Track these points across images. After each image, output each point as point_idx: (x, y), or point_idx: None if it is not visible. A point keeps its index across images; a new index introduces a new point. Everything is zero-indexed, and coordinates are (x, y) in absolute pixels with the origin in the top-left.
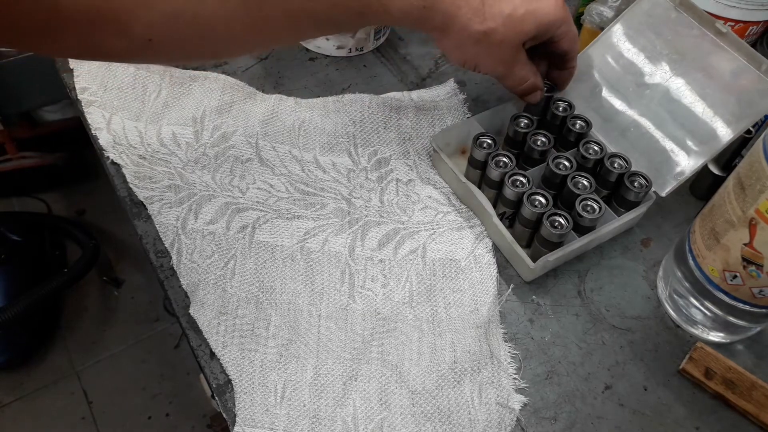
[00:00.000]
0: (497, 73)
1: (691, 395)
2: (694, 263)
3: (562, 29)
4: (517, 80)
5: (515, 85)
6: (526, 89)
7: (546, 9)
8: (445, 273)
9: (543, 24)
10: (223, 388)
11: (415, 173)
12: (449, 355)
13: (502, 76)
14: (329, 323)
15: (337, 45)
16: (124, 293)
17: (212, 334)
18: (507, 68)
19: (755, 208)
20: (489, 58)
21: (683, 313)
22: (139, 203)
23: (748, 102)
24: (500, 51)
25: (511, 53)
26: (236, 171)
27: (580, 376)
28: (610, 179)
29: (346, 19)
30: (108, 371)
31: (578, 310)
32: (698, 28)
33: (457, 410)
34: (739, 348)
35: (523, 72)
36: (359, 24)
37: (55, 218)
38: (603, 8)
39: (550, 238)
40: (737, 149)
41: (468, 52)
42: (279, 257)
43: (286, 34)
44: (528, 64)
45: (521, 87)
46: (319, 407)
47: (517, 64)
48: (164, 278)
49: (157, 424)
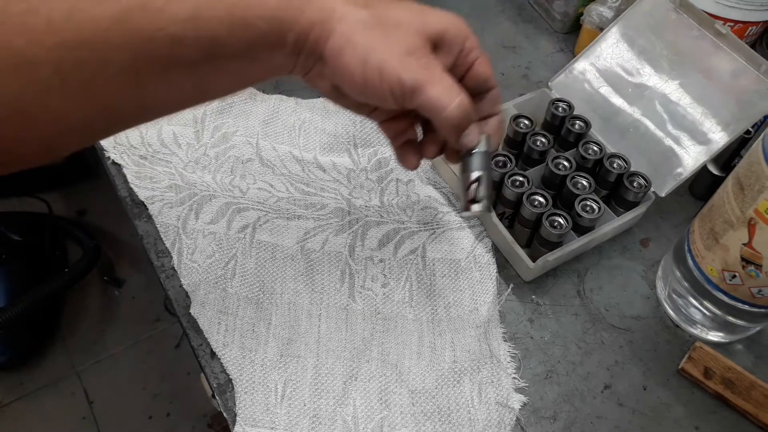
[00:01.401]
0: (412, 76)
1: (690, 395)
2: (693, 263)
3: (470, 44)
4: (444, 88)
5: (442, 94)
6: (459, 109)
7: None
8: (444, 273)
9: (450, 26)
10: (224, 387)
11: (415, 173)
12: (449, 355)
13: (421, 80)
14: (329, 323)
15: None
16: (124, 293)
17: (213, 334)
18: (422, 66)
19: (754, 209)
20: (391, 48)
21: (682, 312)
22: (139, 203)
23: (748, 103)
24: (402, 35)
25: (418, 42)
26: (237, 171)
27: (580, 375)
28: (609, 179)
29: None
30: (108, 371)
31: (577, 310)
32: (698, 29)
33: (457, 409)
34: (738, 348)
35: (447, 79)
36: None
37: (55, 218)
38: (603, 9)
39: (550, 238)
40: (736, 149)
41: (361, 43)
42: (279, 257)
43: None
44: (448, 74)
45: (452, 102)
46: (320, 406)
47: (434, 64)
48: (165, 278)
49: (157, 424)
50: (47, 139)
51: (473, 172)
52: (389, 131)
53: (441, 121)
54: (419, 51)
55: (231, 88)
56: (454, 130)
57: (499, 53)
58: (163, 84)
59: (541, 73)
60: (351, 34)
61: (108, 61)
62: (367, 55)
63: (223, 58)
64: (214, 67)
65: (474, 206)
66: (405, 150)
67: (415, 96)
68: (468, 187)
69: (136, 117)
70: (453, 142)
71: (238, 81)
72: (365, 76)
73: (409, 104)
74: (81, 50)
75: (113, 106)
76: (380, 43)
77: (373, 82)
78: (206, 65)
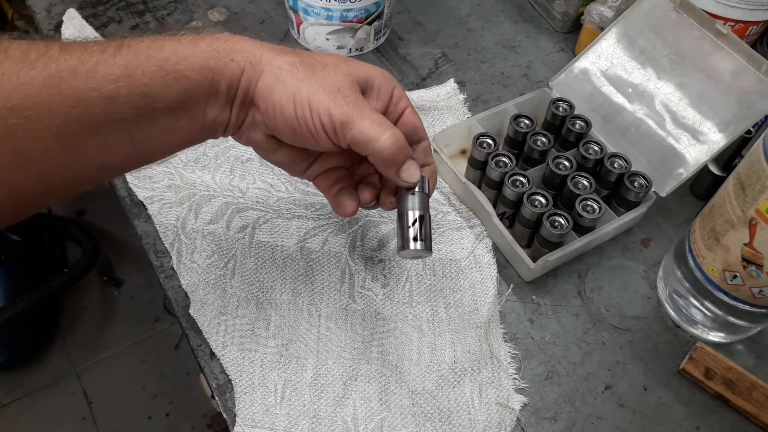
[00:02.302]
0: (342, 112)
1: (691, 395)
2: (694, 263)
3: (398, 91)
4: (376, 124)
5: (374, 132)
6: (392, 144)
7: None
8: (445, 273)
9: (363, 71)
10: (223, 388)
11: None
12: (449, 355)
13: (351, 116)
14: (329, 323)
15: (337, 45)
16: (124, 293)
17: (212, 334)
18: (350, 103)
19: (755, 208)
20: (318, 84)
21: (683, 313)
22: (139, 203)
23: (748, 102)
24: (328, 75)
25: (344, 82)
26: (236, 171)
27: (580, 376)
28: (610, 179)
29: (132, 115)
30: (108, 371)
31: (578, 310)
32: (698, 29)
33: (457, 410)
34: (739, 348)
35: (377, 116)
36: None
37: (55, 218)
38: (603, 8)
39: (550, 238)
40: (737, 149)
41: (289, 80)
42: (279, 257)
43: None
44: (377, 112)
45: (385, 137)
46: (319, 407)
47: (362, 103)
48: (164, 278)
49: (157, 424)
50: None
51: (414, 210)
52: (324, 183)
53: (375, 153)
54: (347, 89)
55: (168, 148)
56: (390, 163)
57: (500, 53)
58: (99, 146)
59: (542, 72)
60: (279, 73)
61: (40, 128)
62: (297, 90)
63: (157, 112)
64: (149, 123)
65: (416, 244)
66: (340, 196)
67: (345, 130)
68: (409, 226)
69: (72, 185)
70: (392, 177)
71: (174, 140)
72: (296, 112)
73: (342, 140)
74: (11, 118)
75: (47, 173)
76: (308, 80)
77: (305, 117)
78: (141, 122)
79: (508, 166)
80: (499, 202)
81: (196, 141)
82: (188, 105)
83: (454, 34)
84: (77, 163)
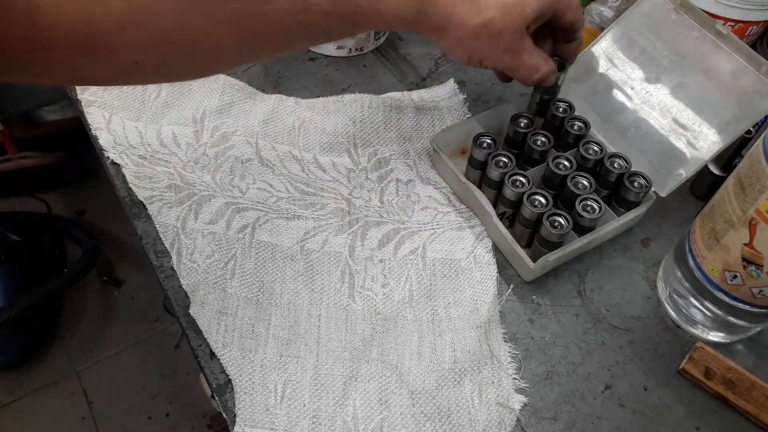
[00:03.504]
0: (505, 65)
1: (691, 395)
2: (694, 263)
3: (564, 2)
4: (528, 70)
5: (527, 75)
6: (538, 79)
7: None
8: (445, 273)
9: (544, 3)
10: (223, 388)
11: (415, 173)
12: (449, 355)
13: (511, 67)
14: (329, 323)
15: (337, 45)
16: (124, 293)
17: (212, 334)
18: (514, 58)
19: (755, 208)
20: (493, 50)
21: (683, 313)
22: (139, 203)
23: (748, 103)
24: (503, 40)
25: (515, 41)
26: (236, 171)
27: (580, 376)
28: (610, 179)
29: (339, 29)
30: (108, 371)
31: (578, 310)
32: (698, 30)
33: (457, 410)
34: (739, 348)
35: (533, 60)
36: (352, 32)
37: (55, 218)
38: (603, 8)
39: (550, 238)
40: (737, 149)
41: (470, 47)
42: (279, 257)
43: (277, 47)
44: (536, 50)
45: (533, 78)
46: (319, 407)
47: (525, 52)
48: (164, 278)
49: (157, 424)
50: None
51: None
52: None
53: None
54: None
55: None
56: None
57: None
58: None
59: None
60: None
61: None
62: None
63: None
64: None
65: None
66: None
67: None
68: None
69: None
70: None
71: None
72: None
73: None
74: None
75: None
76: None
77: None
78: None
79: (508, 166)
80: (499, 202)
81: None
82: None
83: None
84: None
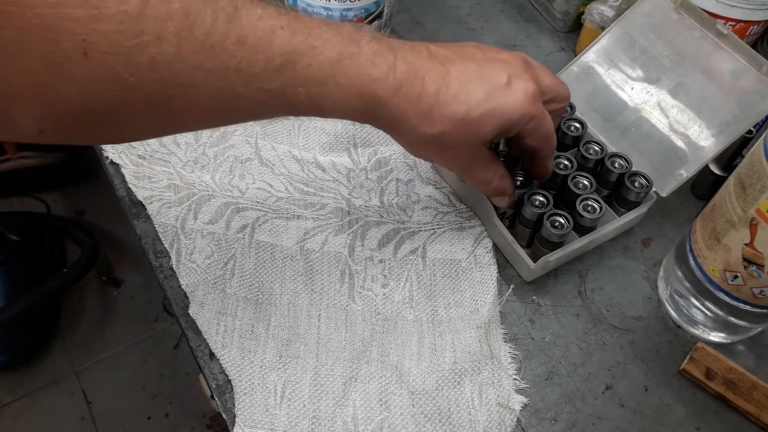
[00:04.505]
0: (456, 172)
1: (692, 396)
2: (695, 263)
3: (530, 126)
4: (478, 182)
5: (477, 185)
6: (489, 192)
7: (510, 106)
8: (445, 273)
9: (505, 124)
10: (223, 388)
11: (416, 173)
12: (449, 356)
13: (462, 176)
14: (329, 323)
15: None
16: (123, 293)
17: (212, 335)
18: (465, 170)
19: (756, 208)
20: (443, 159)
21: (684, 313)
22: (138, 203)
23: (749, 103)
24: (455, 153)
25: (468, 155)
26: (236, 171)
27: (581, 376)
28: (610, 179)
29: (273, 115)
30: (108, 371)
31: (579, 311)
32: (699, 30)
33: (458, 411)
34: (740, 348)
35: (485, 174)
36: (291, 115)
37: (54, 218)
38: (603, 8)
39: (551, 238)
40: (738, 149)
41: (421, 152)
42: (279, 257)
43: (199, 125)
44: (491, 165)
45: (484, 190)
46: (319, 408)
47: (477, 166)
48: (163, 278)
49: (156, 424)
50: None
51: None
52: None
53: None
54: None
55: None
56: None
57: None
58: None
59: None
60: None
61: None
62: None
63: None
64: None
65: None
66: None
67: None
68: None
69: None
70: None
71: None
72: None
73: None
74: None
75: (183, 128)
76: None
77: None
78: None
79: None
80: None
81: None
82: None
83: (454, 33)
84: (207, 123)
